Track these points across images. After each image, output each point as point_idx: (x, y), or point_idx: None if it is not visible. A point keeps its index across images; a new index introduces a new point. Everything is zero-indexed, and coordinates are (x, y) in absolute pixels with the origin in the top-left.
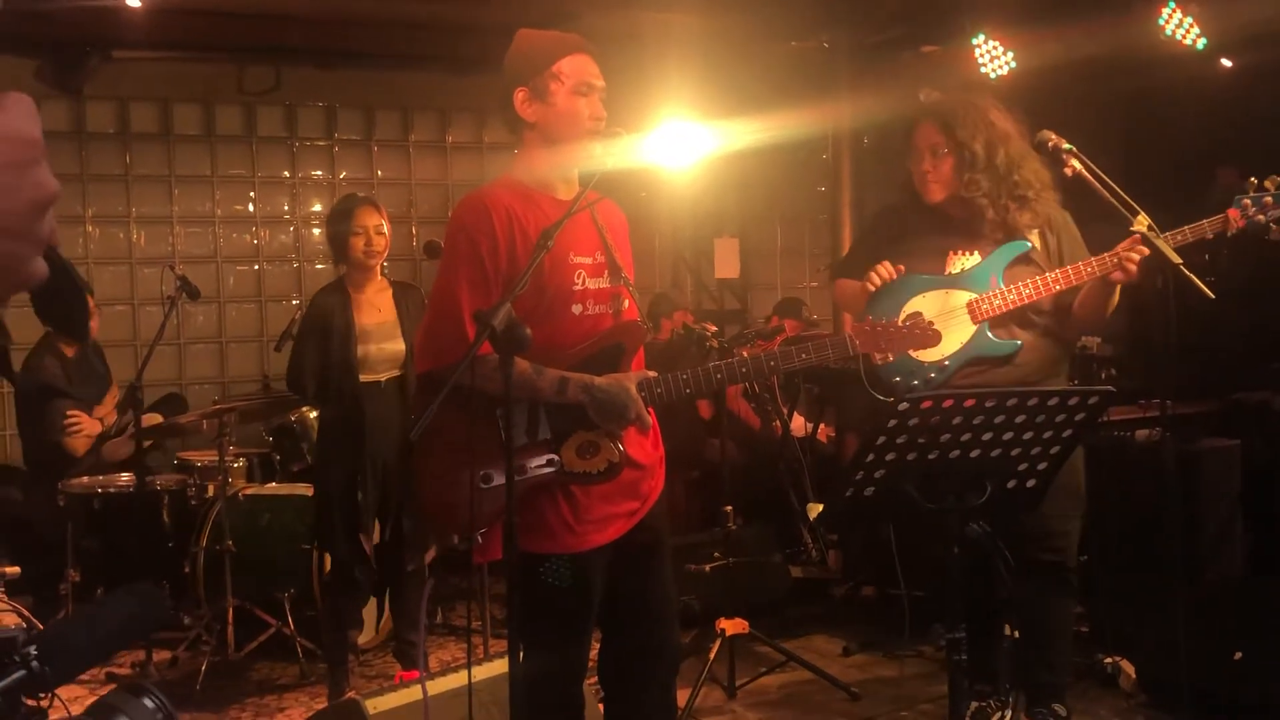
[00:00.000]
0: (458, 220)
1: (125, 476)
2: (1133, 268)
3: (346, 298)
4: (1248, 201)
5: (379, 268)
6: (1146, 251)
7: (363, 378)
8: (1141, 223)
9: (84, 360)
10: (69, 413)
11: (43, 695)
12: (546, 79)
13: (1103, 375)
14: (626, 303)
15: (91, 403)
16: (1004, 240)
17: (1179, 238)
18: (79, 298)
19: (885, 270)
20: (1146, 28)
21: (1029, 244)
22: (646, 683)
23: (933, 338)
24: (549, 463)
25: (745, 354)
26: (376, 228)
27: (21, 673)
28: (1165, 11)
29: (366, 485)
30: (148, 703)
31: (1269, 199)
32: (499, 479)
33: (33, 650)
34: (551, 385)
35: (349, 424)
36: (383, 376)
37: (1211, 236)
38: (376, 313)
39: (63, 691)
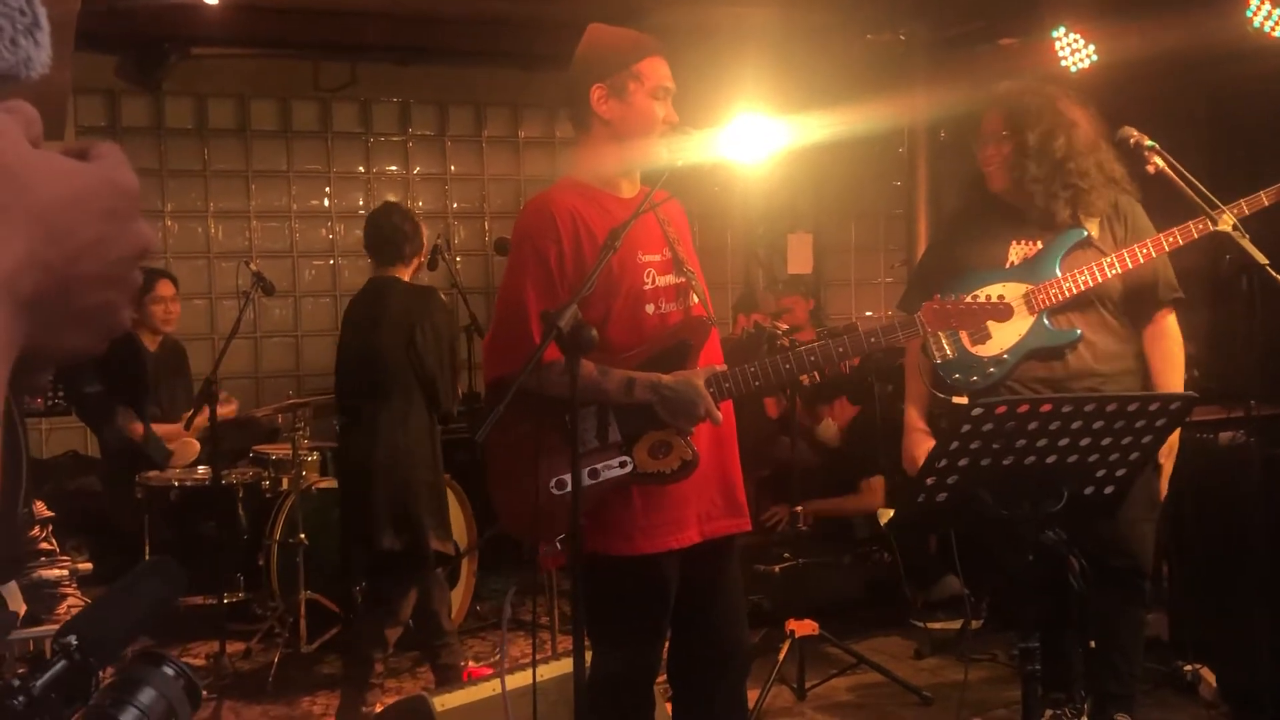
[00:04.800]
0: (523, 226)
1: (202, 469)
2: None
3: None
4: None
5: None
6: (1208, 229)
7: None
8: (1226, 221)
9: (167, 359)
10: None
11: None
12: (625, 78)
13: (1185, 376)
14: (695, 298)
15: (170, 406)
16: (1062, 230)
17: (1236, 211)
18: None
19: None
20: (1233, 20)
21: (1085, 232)
22: (717, 684)
23: (1004, 311)
24: (621, 464)
25: None
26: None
27: (63, 663)
28: (1254, 2)
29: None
30: (169, 670)
31: None
32: (571, 484)
33: (73, 640)
34: (618, 386)
35: None
36: None
37: (1268, 203)
38: None
39: None
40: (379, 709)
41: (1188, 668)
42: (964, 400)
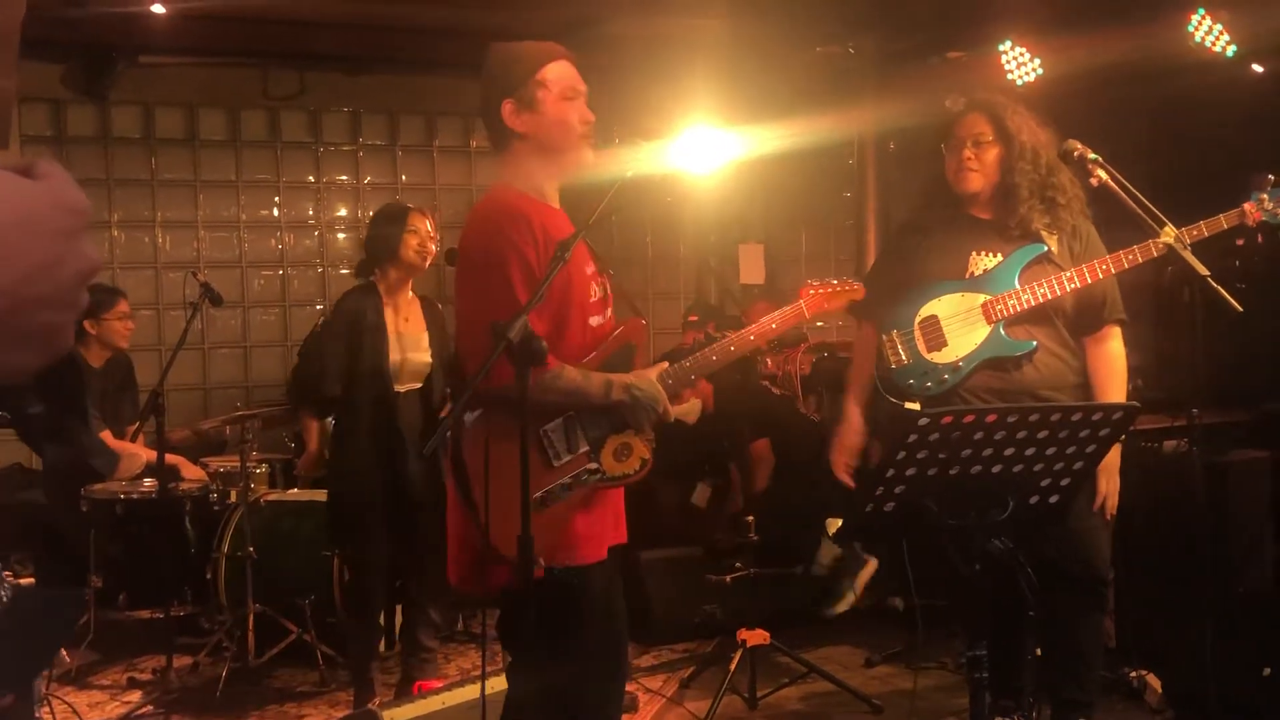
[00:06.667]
0: (498, 230)
1: (148, 482)
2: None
3: (380, 301)
4: (1264, 196)
5: (411, 281)
6: (1162, 250)
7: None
8: (1169, 234)
9: (114, 374)
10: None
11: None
12: (533, 88)
13: (1129, 386)
14: (612, 308)
15: (116, 419)
16: (1024, 242)
17: (1195, 233)
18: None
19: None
20: (1175, 34)
21: (1045, 246)
22: (610, 688)
23: (856, 290)
24: (590, 472)
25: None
26: (428, 232)
27: None
28: (1194, 18)
29: (389, 499)
30: None
31: None
32: (553, 498)
33: None
34: (599, 389)
35: (381, 430)
36: (403, 387)
37: (1227, 226)
38: (406, 322)
39: (82, 696)
40: (378, 702)
41: (1133, 674)
42: (916, 406)
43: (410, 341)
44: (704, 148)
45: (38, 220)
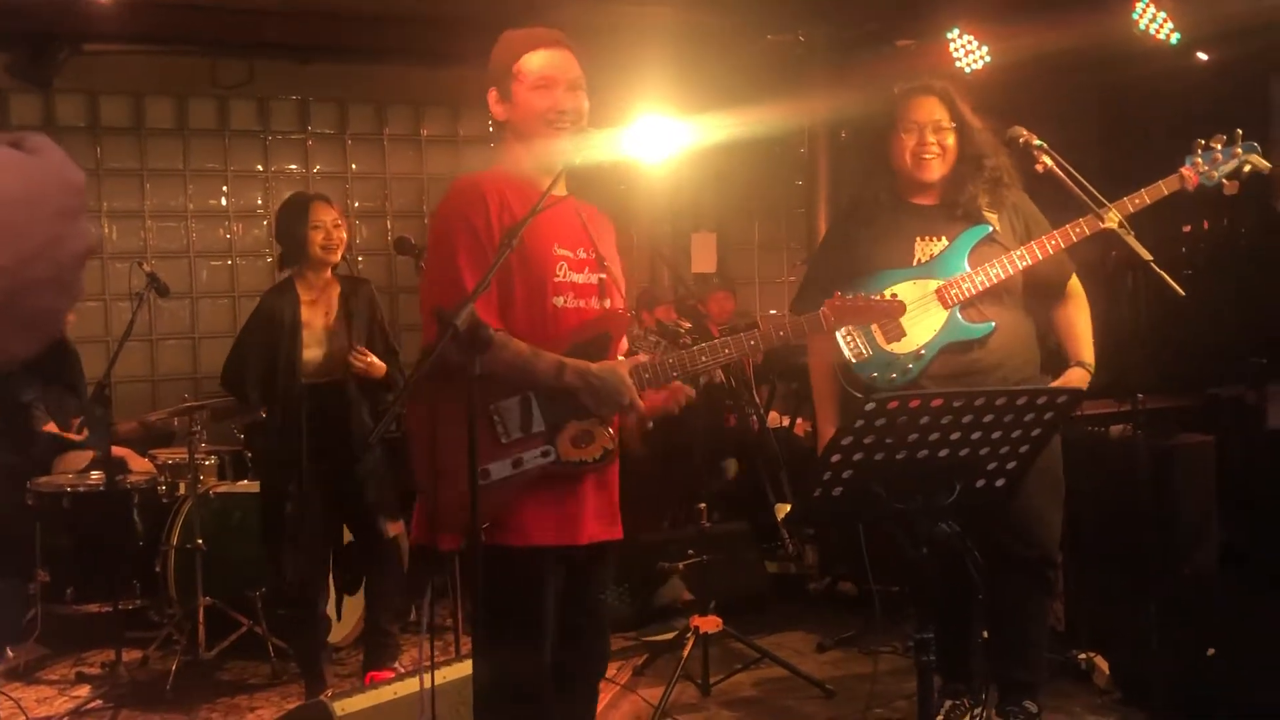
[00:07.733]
0: (453, 205)
1: (95, 474)
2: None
3: (296, 299)
4: (1198, 159)
5: (331, 267)
6: (1108, 224)
7: (305, 381)
8: (1112, 219)
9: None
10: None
11: None
12: (508, 80)
13: None
14: (609, 300)
15: (60, 409)
16: (967, 225)
17: (1137, 201)
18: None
19: None
20: (1120, 22)
21: (990, 227)
22: (581, 686)
23: (897, 309)
24: (544, 454)
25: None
26: (334, 221)
27: None
28: (1139, 6)
29: (299, 495)
30: None
31: (1218, 155)
32: (496, 474)
33: None
34: (549, 369)
35: (303, 426)
36: (323, 379)
37: (1168, 192)
38: (324, 315)
39: (29, 691)
40: (330, 693)
41: (1082, 656)
42: None
43: (327, 335)
44: (655, 136)
45: (42, 198)
